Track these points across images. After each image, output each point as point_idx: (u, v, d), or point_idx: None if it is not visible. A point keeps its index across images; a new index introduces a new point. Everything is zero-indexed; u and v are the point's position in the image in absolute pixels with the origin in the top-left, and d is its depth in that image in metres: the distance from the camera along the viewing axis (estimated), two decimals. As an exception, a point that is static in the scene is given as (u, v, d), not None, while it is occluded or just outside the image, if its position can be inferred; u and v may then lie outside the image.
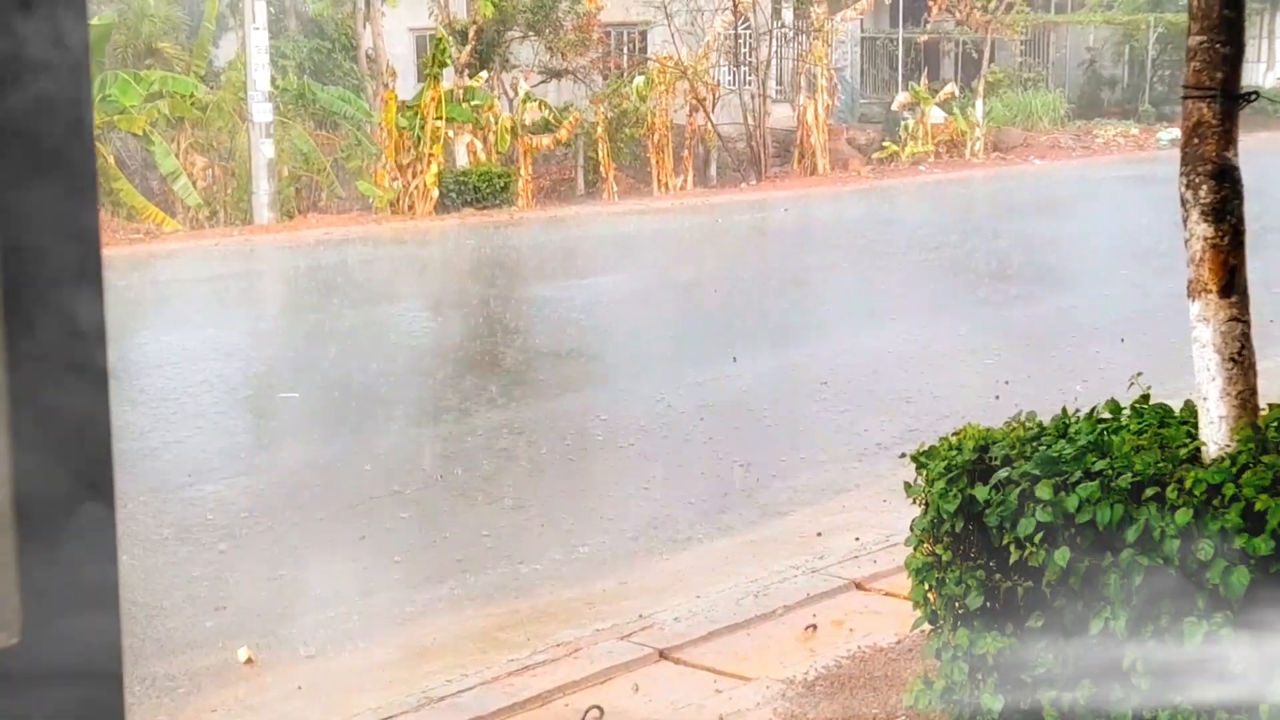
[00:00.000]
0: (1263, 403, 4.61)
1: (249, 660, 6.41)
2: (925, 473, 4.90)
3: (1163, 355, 9.01)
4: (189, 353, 13.14)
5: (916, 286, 16.66)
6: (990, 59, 35.23)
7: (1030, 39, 40.14)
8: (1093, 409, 5.05)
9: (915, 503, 5.02)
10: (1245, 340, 4.53)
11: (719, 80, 30.31)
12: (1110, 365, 11.03)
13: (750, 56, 31.23)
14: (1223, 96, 4.54)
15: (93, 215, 1.02)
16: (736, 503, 8.66)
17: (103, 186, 21.21)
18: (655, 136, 28.04)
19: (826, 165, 30.50)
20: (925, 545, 4.91)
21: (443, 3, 27.87)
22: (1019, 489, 4.52)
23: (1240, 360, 4.50)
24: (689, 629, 6.50)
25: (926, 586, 4.92)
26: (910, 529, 5.03)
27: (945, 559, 4.81)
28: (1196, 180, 4.55)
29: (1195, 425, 4.61)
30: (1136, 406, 5.02)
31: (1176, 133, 5.66)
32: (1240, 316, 4.52)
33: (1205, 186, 4.53)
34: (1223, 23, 4.54)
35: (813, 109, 30.38)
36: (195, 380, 11.96)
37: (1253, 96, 4.65)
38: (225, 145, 24.08)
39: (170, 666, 6.36)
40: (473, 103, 25.74)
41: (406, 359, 13.18)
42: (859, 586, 6.99)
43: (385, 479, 9.11)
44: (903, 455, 5.25)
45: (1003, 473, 4.61)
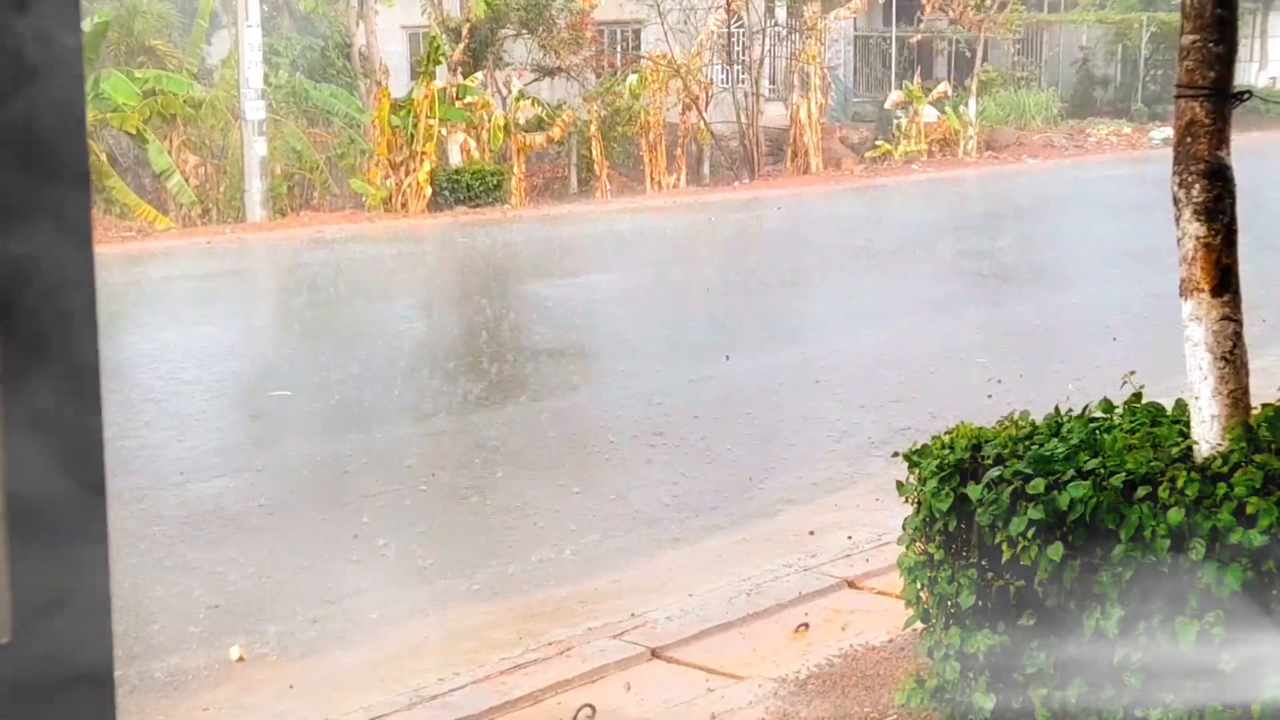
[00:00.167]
0: (1255, 402, 4.62)
1: (240, 658, 6.41)
2: (918, 471, 4.91)
3: (1155, 354, 9.02)
4: (177, 350, 13.12)
5: (909, 285, 16.67)
6: (983, 58, 35.26)
7: (1023, 38, 40.17)
8: (1085, 408, 5.05)
9: (907, 501, 5.02)
10: (1237, 339, 4.54)
11: (712, 79, 30.30)
12: (1103, 364, 11.04)
13: (743, 55, 31.24)
14: (1215, 95, 4.54)
15: (85, 213, 1.02)
16: (729, 501, 8.66)
17: (95, 184, 21.16)
18: (648, 135, 28.03)
19: (819, 164, 30.50)
20: (917, 544, 4.91)
21: (436, 1, 27.85)
22: (1011, 488, 4.52)
23: (1232, 359, 4.51)
24: (681, 627, 6.50)
25: (919, 585, 4.93)
26: (902, 527, 5.03)
27: (937, 557, 4.82)
28: (1189, 179, 4.55)
29: (1187, 424, 4.62)
30: (1129, 405, 5.02)
31: (1169, 132, 5.67)
32: (1233, 315, 4.53)
33: (1198, 185, 4.53)
34: (1215, 22, 4.54)
35: (806, 107, 30.39)
36: (184, 378, 11.94)
37: (1245, 96, 4.66)
38: (218, 143, 24.05)
39: (161, 665, 6.36)
40: (466, 100, 25.72)
41: (397, 357, 13.16)
42: (851, 585, 6.99)
43: (376, 477, 9.10)
44: (895, 454, 5.25)
45: (995, 471, 4.61)
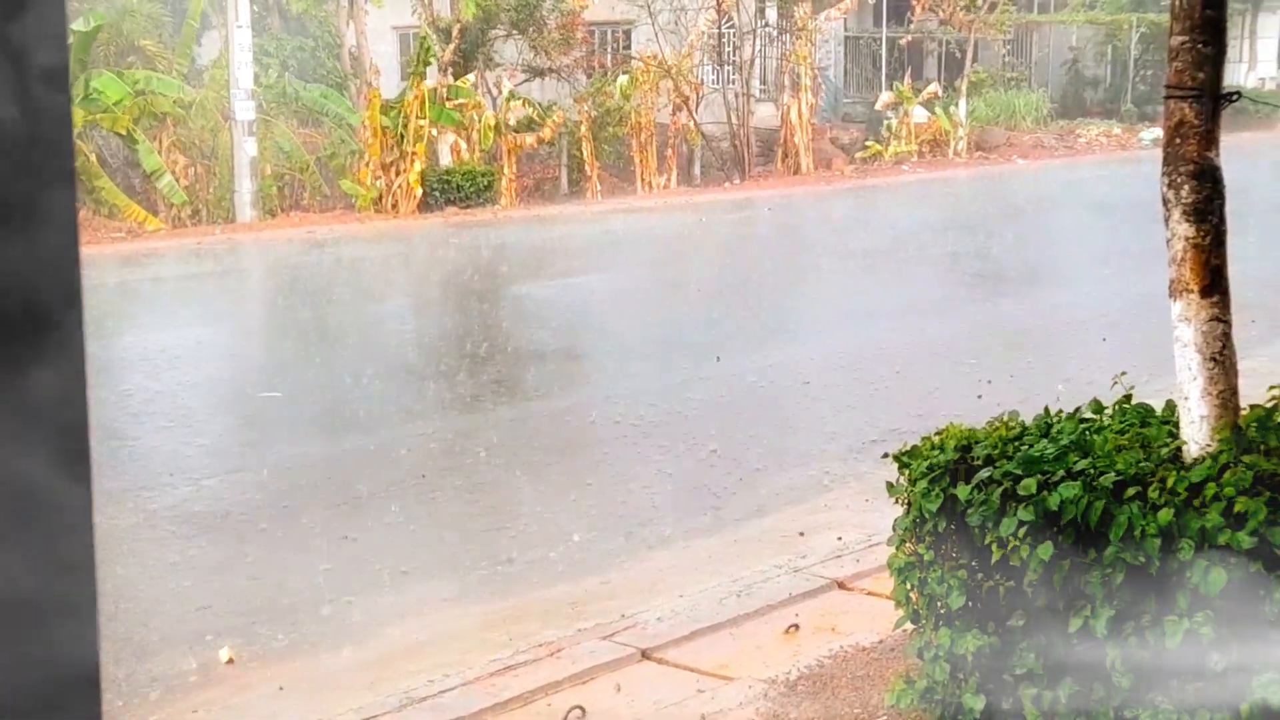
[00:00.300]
0: (1244, 403, 4.62)
1: (230, 660, 6.40)
2: (908, 472, 4.91)
3: (1145, 355, 9.03)
4: (166, 351, 13.09)
5: (899, 286, 16.68)
6: (973, 58, 35.31)
7: (1013, 39, 40.23)
8: (1077, 409, 5.06)
9: (898, 502, 5.03)
10: (1226, 340, 4.55)
11: (703, 79, 30.31)
12: (1093, 365, 11.06)
13: (734, 55, 31.24)
14: (1205, 97, 4.55)
15: (71, 214, 1.01)
16: (719, 502, 8.66)
17: (84, 185, 21.10)
18: (639, 135, 28.03)
19: (810, 164, 30.52)
20: (907, 545, 4.92)
21: (426, 1, 27.83)
22: (1001, 488, 4.53)
23: (1221, 360, 4.51)
24: (671, 628, 6.50)
25: (909, 586, 4.93)
26: (892, 528, 5.04)
27: (927, 558, 4.82)
28: (1178, 180, 4.56)
29: (1177, 425, 4.63)
30: (1119, 406, 5.03)
31: (1159, 132, 5.68)
32: (1222, 316, 4.54)
33: (1187, 186, 4.54)
34: (1205, 23, 4.55)
35: (796, 108, 30.40)
36: (173, 379, 11.92)
37: (1235, 97, 4.67)
38: (208, 143, 24.00)
39: (151, 666, 6.34)
40: (456, 100, 25.70)
41: (387, 358, 13.15)
42: (841, 586, 6.99)
43: (367, 479, 9.09)
44: (885, 455, 5.26)
45: (985, 472, 4.61)
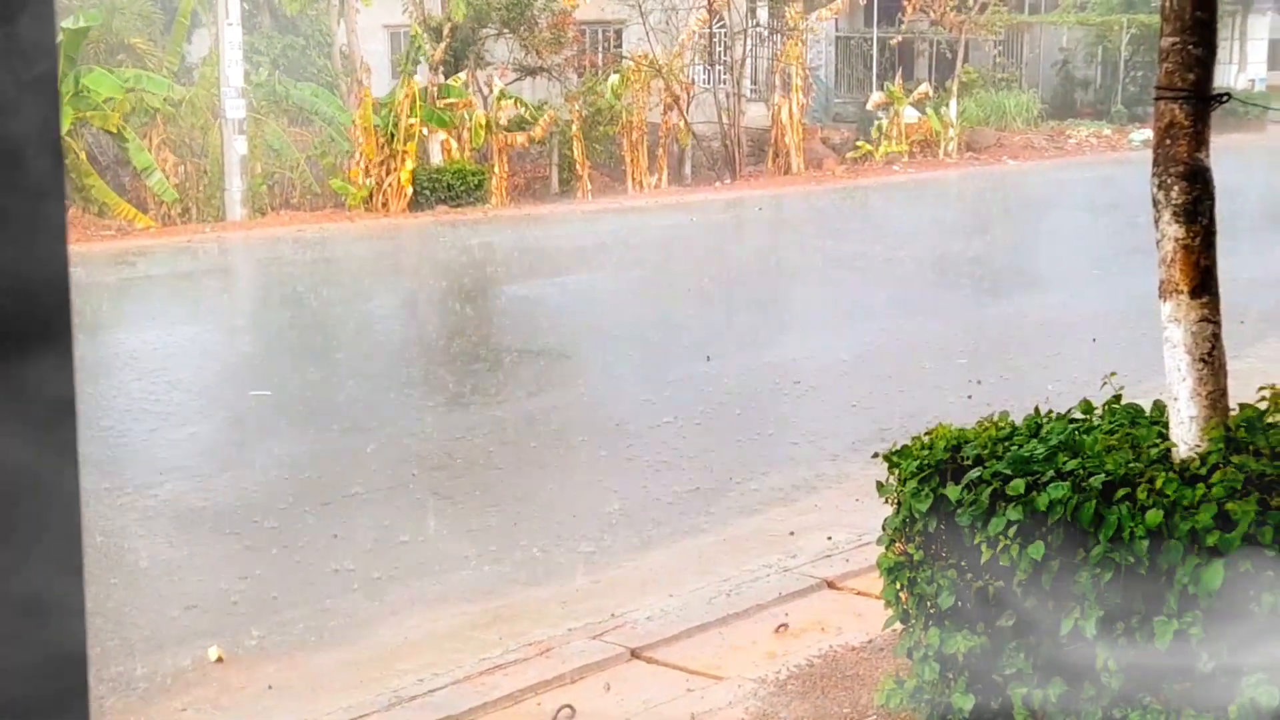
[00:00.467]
0: (1233, 403, 4.63)
1: (219, 659, 6.39)
2: (897, 472, 4.91)
3: (1134, 355, 9.05)
4: (156, 350, 13.08)
5: (889, 286, 16.69)
6: (964, 59, 35.34)
7: (1004, 39, 40.29)
8: (1068, 410, 5.07)
9: (887, 502, 5.03)
10: (1216, 341, 4.56)
11: (694, 79, 30.30)
12: (1082, 365, 11.07)
13: (725, 55, 31.25)
14: (1195, 98, 4.55)
15: (60, 212, 1.01)
16: (709, 502, 8.66)
17: (74, 183, 21.06)
18: (630, 135, 28.02)
19: (801, 164, 30.53)
20: (897, 544, 4.92)
21: (417, 0, 27.80)
22: (991, 488, 4.53)
23: (1211, 361, 4.52)
24: (661, 628, 6.50)
25: (898, 585, 4.94)
26: (882, 528, 5.04)
27: (917, 558, 4.83)
28: (1168, 181, 4.57)
29: (1166, 425, 4.63)
30: (1108, 406, 5.04)
31: (1149, 134, 5.69)
32: (1211, 317, 4.54)
33: (1177, 187, 4.55)
34: (1195, 24, 4.56)
35: (787, 108, 30.42)
36: (162, 377, 11.90)
37: (1225, 98, 4.67)
38: (198, 141, 23.96)
39: (139, 665, 6.33)
40: (447, 99, 25.67)
41: (376, 357, 13.14)
42: (831, 585, 6.99)
43: (356, 477, 9.08)
44: (875, 454, 5.26)
45: (975, 472, 4.62)
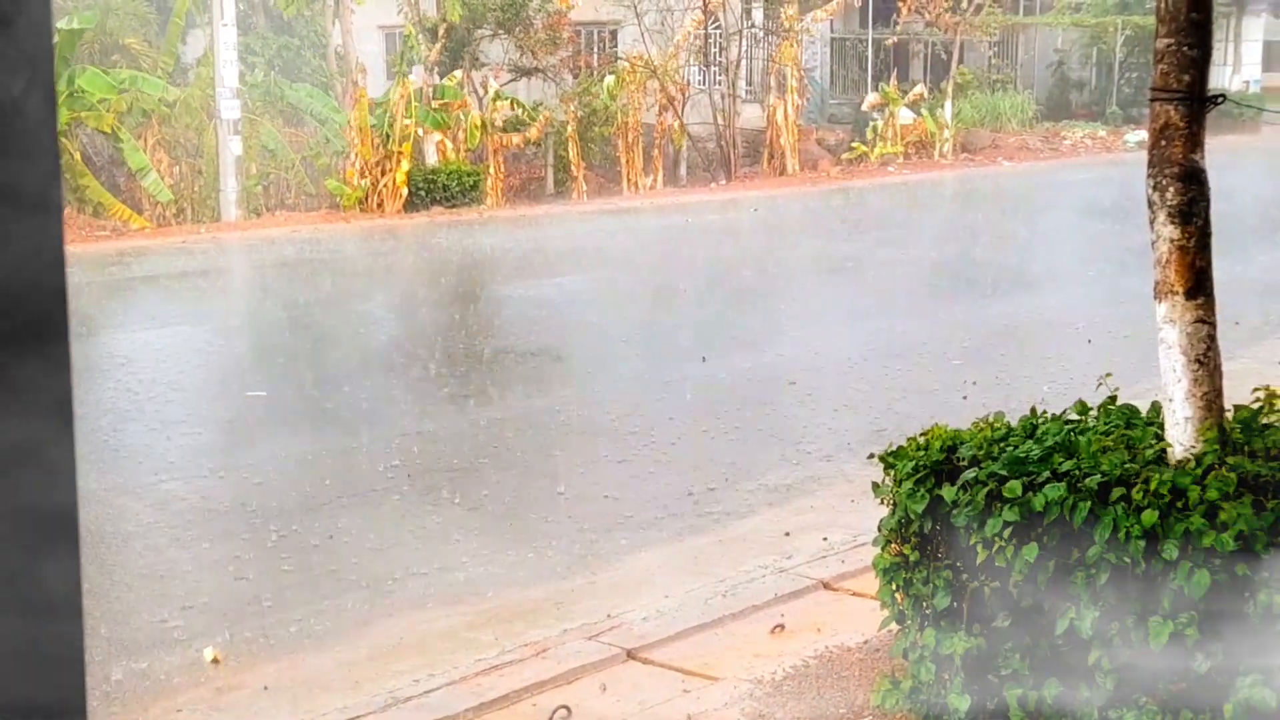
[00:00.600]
0: (1228, 403, 4.63)
1: (215, 660, 6.38)
2: (893, 473, 4.92)
3: (1130, 356, 9.06)
4: (151, 350, 13.07)
5: (884, 287, 16.70)
6: (959, 60, 35.37)
7: (999, 41, 40.32)
8: (1064, 411, 5.07)
9: (883, 503, 5.03)
10: (1211, 342, 4.56)
11: (689, 80, 30.32)
12: (1078, 366, 11.08)
13: (720, 56, 31.26)
14: (1190, 99, 4.56)
15: (56, 212, 1.01)
16: (704, 502, 8.66)
17: (69, 183, 21.05)
18: (625, 136, 28.03)
19: (796, 165, 30.54)
20: (893, 545, 4.92)
21: (412, 1, 27.79)
22: (986, 489, 4.54)
23: (1206, 362, 4.52)
24: (657, 629, 6.50)
25: (894, 586, 4.94)
26: (878, 529, 5.04)
27: (913, 559, 4.83)
28: (1164, 182, 4.57)
29: (1162, 426, 4.64)
30: (1104, 407, 5.04)
31: (1143, 135, 5.69)
32: (1206, 318, 4.55)
33: (1172, 189, 4.55)
34: (1190, 26, 4.56)
35: (782, 109, 30.43)
36: (157, 378, 11.90)
37: (1220, 100, 4.68)
38: (193, 142, 23.95)
39: (136, 666, 6.33)
40: (442, 100, 25.67)
41: (372, 358, 13.13)
42: (827, 586, 6.99)
43: (350, 478, 9.08)
44: (871, 456, 5.26)
45: (970, 473, 4.62)
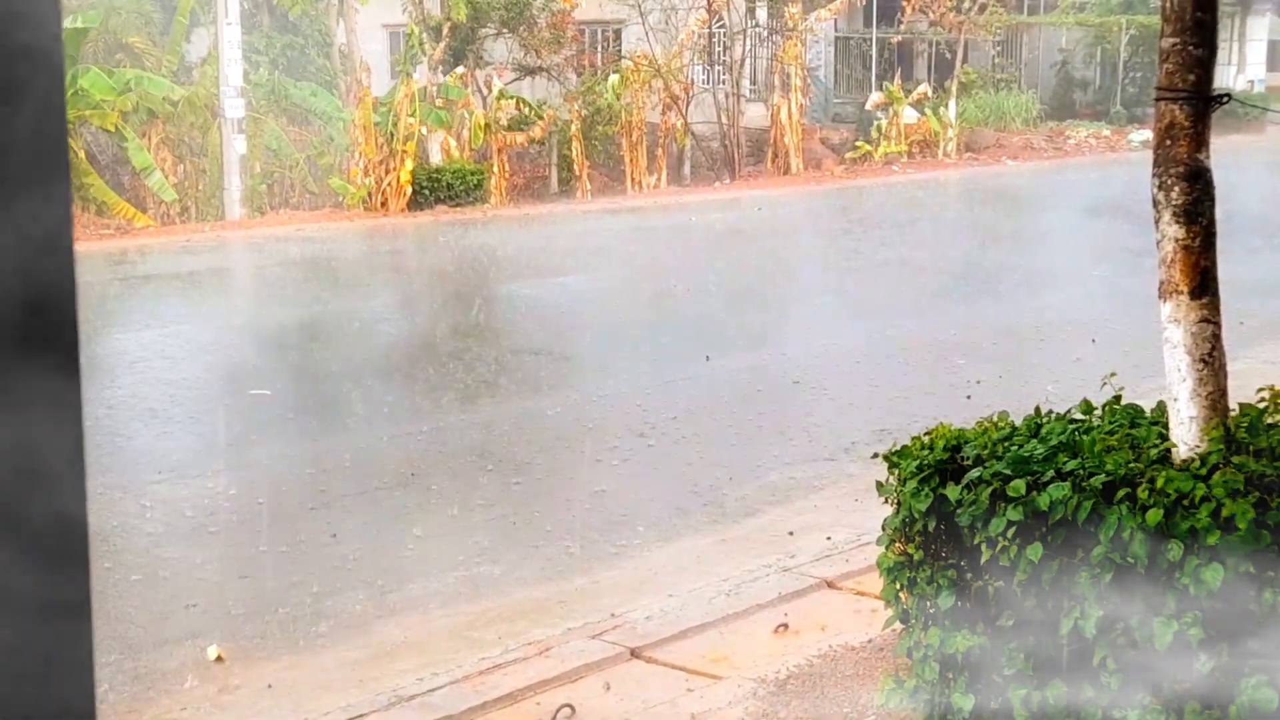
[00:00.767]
0: (1233, 403, 4.63)
1: (219, 658, 6.39)
2: (897, 472, 4.91)
3: (1134, 356, 9.05)
4: (155, 349, 13.07)
5: (888, 286, 16.69)
6: (963, 59, 35.34)
7: (1003, 40, 40.29)
8: (1068, 411, 5.07)
9: (887, 502, 5.03)
10: (1216, 341, 4.56)
11: (693, 79, 30.30)
12: (1082, 365, 11.07)
13: (724, 55, 31.25)
14: (1195, 99, 4.55)
15: (66, 210, 1.01)
16: (708, 501, 8.66)
17: (73, 182, 21.01)
18: (629, 135, 28.02)
19: (800, 165, 30.53)
20: (897, 544, 4.92)
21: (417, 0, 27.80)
22: (991, 488, 4.53)
23: (1211, 361, 4.52)
24: (660, 627, 6.50)
25: (898, 585, 4.93)
26: (882, 528, 5.04)
27: (917, 558, 4.82)
28: (1169, 182, 4.57)
29: (1166, 426, 4.63)
30: (1108, 407, 5.04)
31: (1148, 134, 5.68)
32: (1211, 318, 4.54)
33: (1177, 188, 4.55)
34: (1195, 25, 4.56)
35: (786, 108, 30.42)
36: (162, 377, 11.90)
37: (1225, 99, 4.67)
38: (197, 141, 23.96)
39: (139, 664, 6.33)
40: (447, 97, 25.68)
41: (375, 357, 13.13)
42: (831, 585, 6.99)
43: (355, 477, 9.08)
44: (875, 455, 5.26)
45: (974, 472, 4.62)
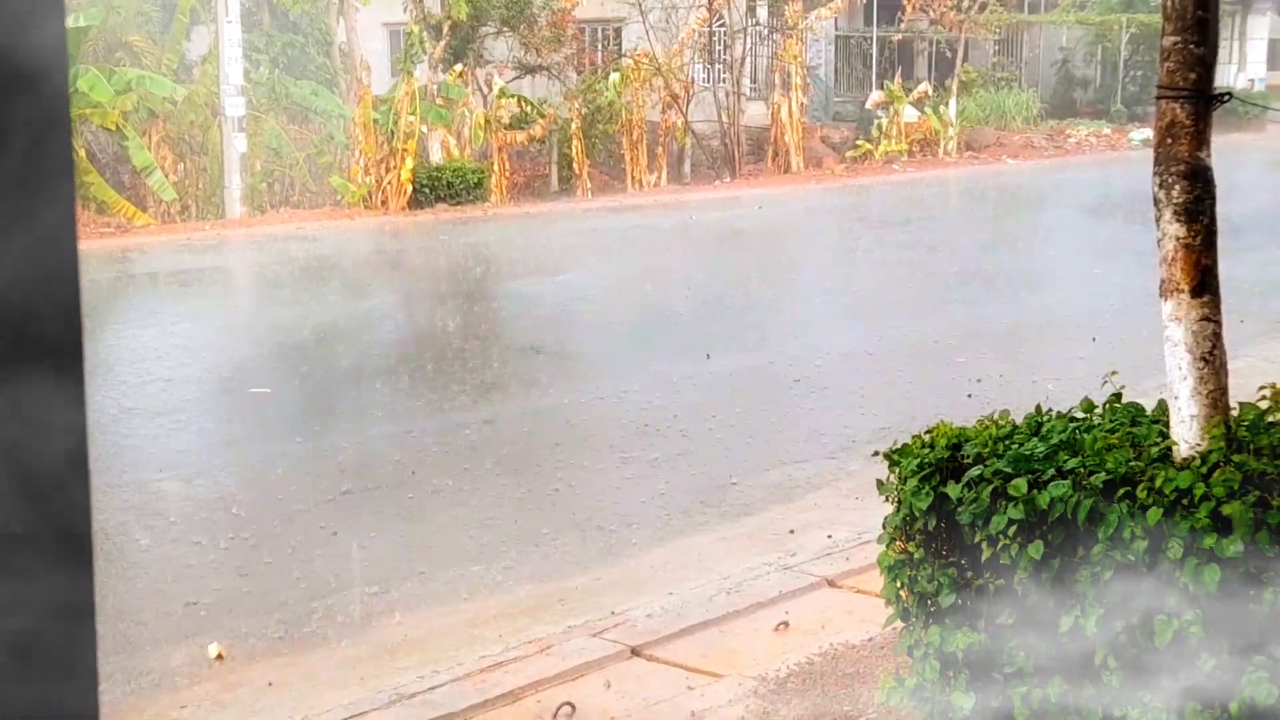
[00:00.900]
0: (1233, 401, 4.63)
1: (220, 656, 6.39)
2: (898, 470, 4.91)
3: (1135, 354, 9.05)
4: (155, 347, 13.08)
5: (889, 284, 16.69)
6: (964, 58, 35.34)
7: (1003, 38, 40.30)
8: (1069, 409, 5.06)
9: (888, 500, 5.03)
10: (1217, 340, 4.56)
11: (693, 77, 30.29)
12: (1083, 364, 11.07)
13: (724, 54, 31.24)
14: (1196, 97, 4.55)
15: (70, 208, 1.01)
16: (709, 499, 8.66)
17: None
18: (630, 133, 28.01)
19: (800, 163, 30.52)
20: (897, 543, 4.92)
21: (417, -2, 27.79)
22: (991, 487, 4.53)
23: (1211, 360, 4.52)
24: (661, 626, 6.50)
25: (898, 584, 4.93)
26: (882, 526, 5.04)
27: (917, 556, 4.82)
28: (1169, 180, 4.56)
29: (1167, 424, 4.63)
30: (1109, 405, 5.04)
31: (1148, 133, 5.68)
32: (1212, 316, 4.54)
33: (1178, 187, 4.55)
34: (1196, 23, 4.56)
35: (786, 107, 30.41)
36: (162, 375, 11.90)
37: (1226, 98, 4.67)
38: (198, 139, 23.96)
39: (140, 662, 6.33)
40: (447, 96, 25.68)
41: (375, 355, 13.14)
42: (831, 584, 7.00)
43: (355, 475, 9.08)
44: (875, 453, 5.26)
45: (975, 470, 4.62)
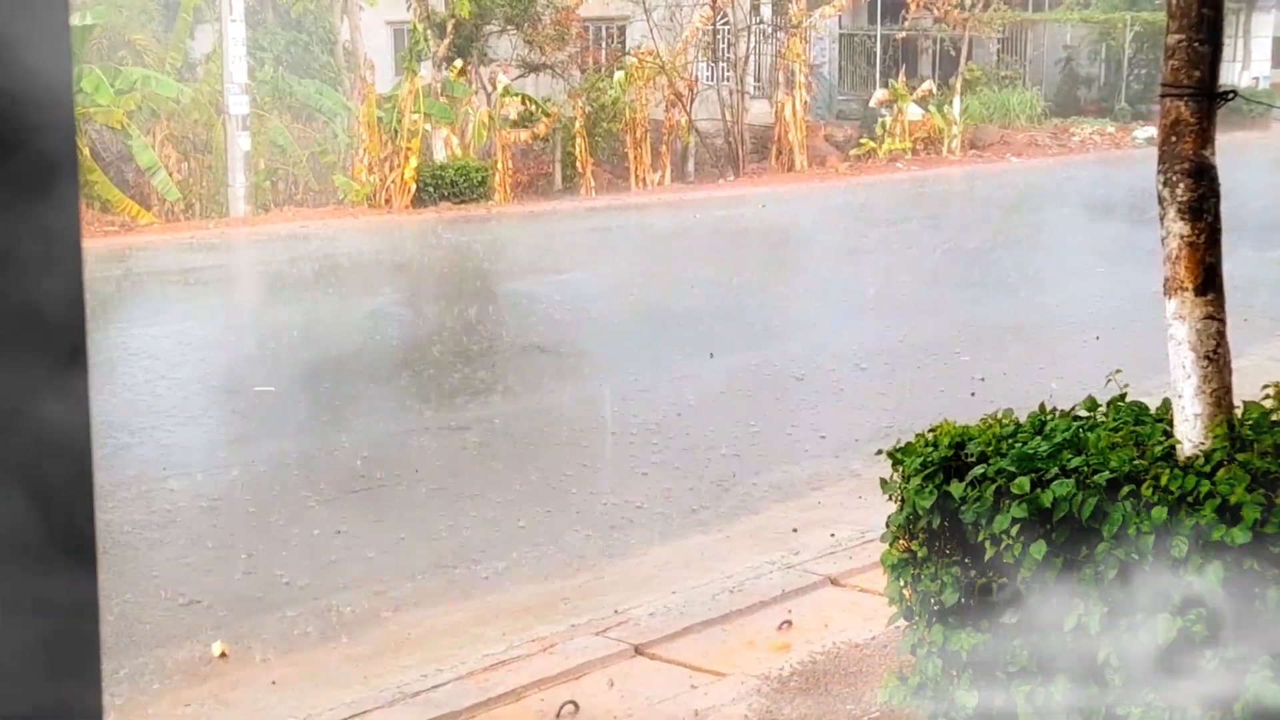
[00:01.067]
0: (1237, 400, 4.63)
1: (223, 654, 6.39)
2: (901, 469, 4.91)
3: (1139, 352, 9.04)
4: (159, 346, 13.08)
5: (892, 283, 16.68)
6: (968, 56, 35.33)
7: (1007, 37, 40.28)
8: (1073, 408, 5.06)
9: (891, 499, 5.03)
10: (1221, 338, 4.55)
11: (697, 76, 30.30)
12: (1086, 362, 11.06)
13: (728, 52, 31.24)
14: (1201, 95, 4.55)
15: (74, 207, 1.01)
16: (712, 498, 8.66)
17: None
18: (633, 132, 28.01)
19: (804, 162, 30.52)
20: (901, 541, 4.92)
21: (421, -4, 27.79)
22: (995, 485, 4.53)
23: (1216, 358, 4.51)
24: (664, 624, 6.50)
25: (902, 583, 4.93)
26: (886, 525, 5.03)
27: (921, 555, 4.82)
28: (1174, 178, 4.56)
29: (1171, 423, 4.63)
30: (1113, 403, 5.03)
31: (1153, 131, 5.68)
32: (1216, 314, 4.54)
33: (1182, 185, 4.54)
34: (1201, 21, 4.55)
35: (790, 105, 30.40)
36: (165, 373, 11.91)
37: (1230, 95, 4.67)
38: (201, 138, 23.98)
39: (143, 661, 6.34)
40: (451, 94, 25.69)
41: (379, 354, 13.14)
42: (834, 582, 6.99)
43: (358, 474, 9.09)
44: (879, 451, 5.26)
45: (979, 469, 4.61)
